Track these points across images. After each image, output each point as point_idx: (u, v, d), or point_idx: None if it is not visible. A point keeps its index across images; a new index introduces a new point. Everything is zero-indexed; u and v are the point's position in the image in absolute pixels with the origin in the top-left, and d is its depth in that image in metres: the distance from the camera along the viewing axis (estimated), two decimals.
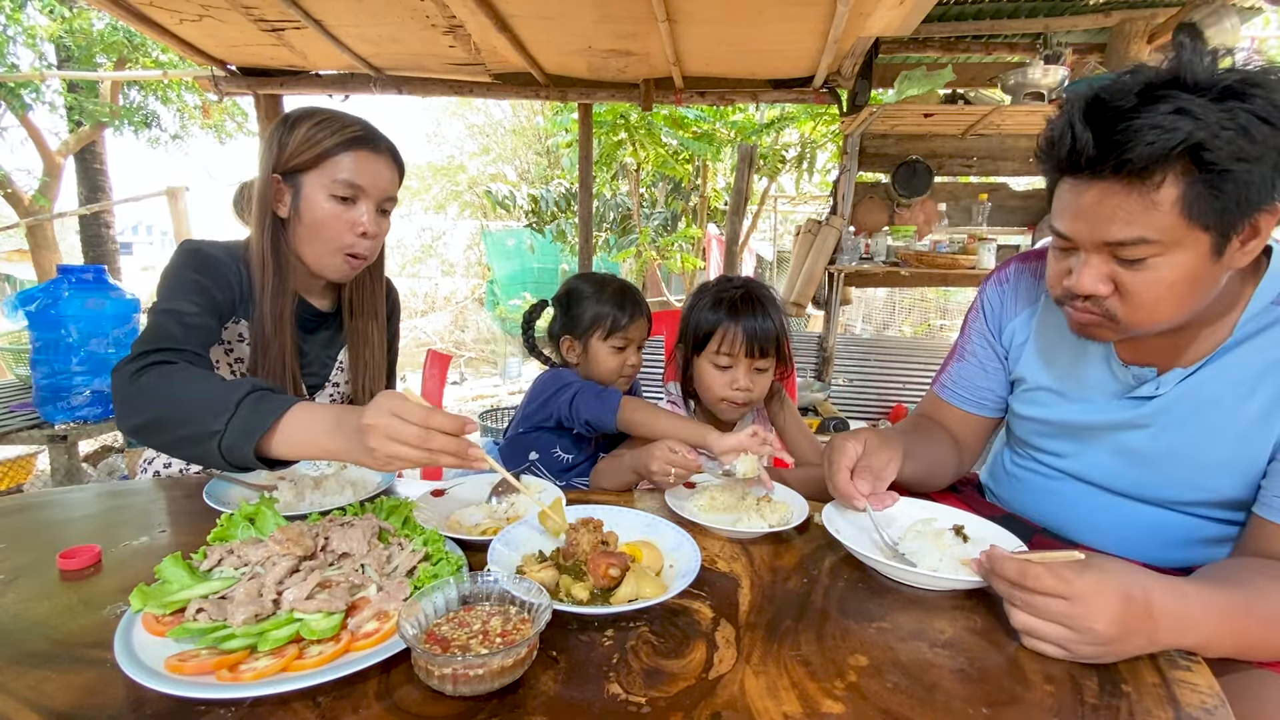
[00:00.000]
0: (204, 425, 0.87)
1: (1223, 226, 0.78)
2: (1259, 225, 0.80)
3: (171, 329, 1.05)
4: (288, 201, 1.23)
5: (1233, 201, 0.76)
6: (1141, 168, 0.77)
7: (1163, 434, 0.98)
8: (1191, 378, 0.95)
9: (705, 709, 0.61)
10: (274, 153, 1.22)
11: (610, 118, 6.14)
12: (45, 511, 1.05)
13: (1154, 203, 0.78)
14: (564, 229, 8.97)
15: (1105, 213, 0.82)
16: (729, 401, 1.39)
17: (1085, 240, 0.85)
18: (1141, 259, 0.82)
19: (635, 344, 1.54)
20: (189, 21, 3.02)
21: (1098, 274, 0.86)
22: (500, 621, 0.68)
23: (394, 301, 1.58)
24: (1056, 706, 0.63)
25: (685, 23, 2.81)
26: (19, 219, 7.30)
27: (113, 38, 7.01)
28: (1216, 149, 0.74)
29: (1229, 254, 0.81)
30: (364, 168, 1.22)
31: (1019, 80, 3.29)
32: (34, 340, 2.36)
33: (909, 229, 3.80)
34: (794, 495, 1.12)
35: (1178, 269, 0.81)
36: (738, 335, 1.34)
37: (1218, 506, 0.97)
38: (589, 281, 1.56)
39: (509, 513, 1.05)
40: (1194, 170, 0.76)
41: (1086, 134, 0.80)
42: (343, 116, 1.24)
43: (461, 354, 8.63)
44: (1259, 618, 0.74)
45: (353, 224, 1.23)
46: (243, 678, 0.62)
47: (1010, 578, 0.73)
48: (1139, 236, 0.80)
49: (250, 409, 0.87)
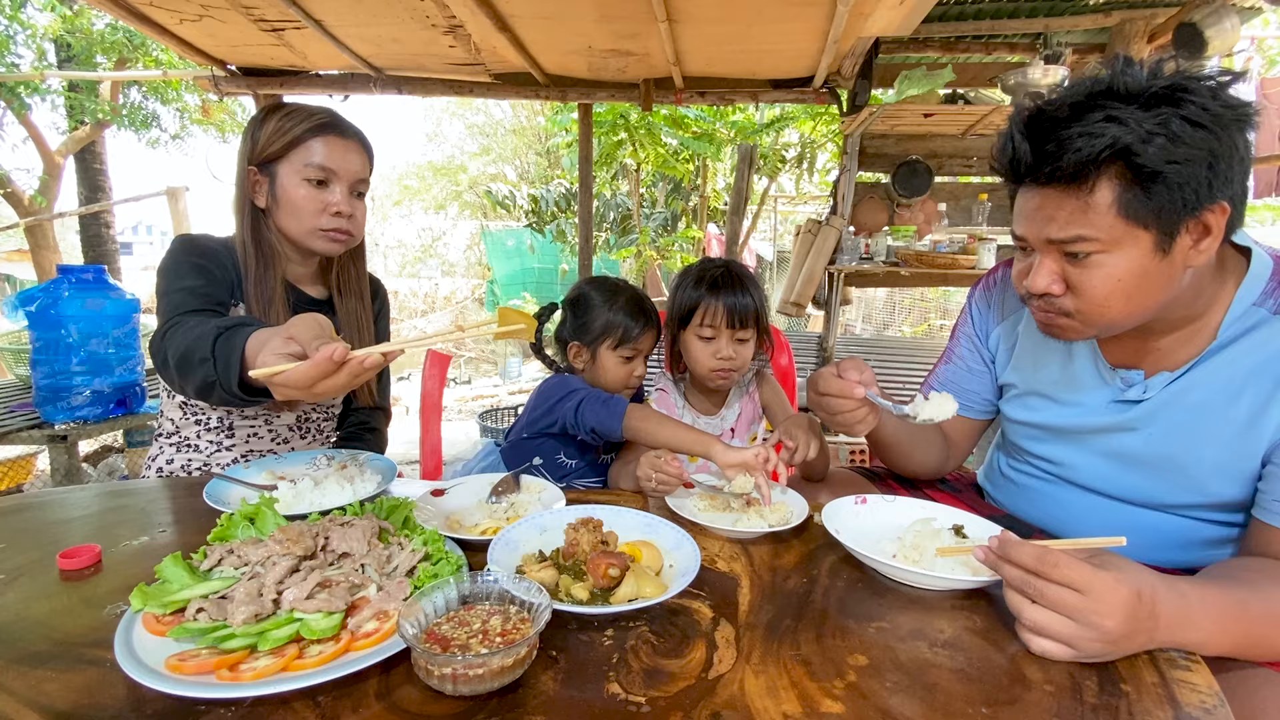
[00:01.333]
0: (207, 370, 0.97)
1: (1162, 225, 0.82)
2: (1208, 224, 0.82)
3: (184, 300, 1.16)
4: (265, 190, 1.30)
5: (1167, 202, 0.80)
6: (1073, 173, 0.82)
7: (1153, 437, 0.98)
8: (1178, 381, 0.95)
9: (705, 709, 0.61)
10: (248, 146, 1.29)
11: (610, 118, 6.14)
12: (45, 511, 1.05)
13: (1090, 204, 0.82)
14: (564, 229, 8.98)
15: (1048, 214, 0.87)
16: (716, 371, 1.48)
17: (1035, 240, 0.90)
18: (1087, 254, 0.85)
19: (644, 354, 1.54)
20: (189, 21, 3.02)
21: (1049, 272, 0.90)
22: (500, 621, 0.68)
23: (382, 300, 1.59)
24: (1056, 706, 0.63)
25: (685, 23, 2.81)
26: (19, 219, 7.30)
27: (113, 37, 7.01)
28: (1146, 153, 0.78)
29: (1179, 252, 0.84)
30: (333, 152, 1.29)
31: (1019, 80, 3.29)
32: (34, 340, 2.36)
33: (909, 229, 3.80)
34: (794, 495, 1.12)
35: (1121, 265, 0.85)
36: (719, 308, 1.44)
37: (1214, 509, 0.97)
38: (602, 289, 1.54)
39: (509, 513, 1.05)
40: (1127, 173, 0.80)
41: (1024, 145, 0.86)
42: (310, 107, 1.31)
43: (461, 354, 8.63)
44: (1256, 616, 0.74)
45: (326, 204, 1.29)
46: (243, 677, 0.62)
47: (1027, 564, 0.71)
48: (1079, 234, 0.84)
49: (223, 349, 0.96)
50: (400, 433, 5.23)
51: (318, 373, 0.81)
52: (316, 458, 1.21)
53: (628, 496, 1.18)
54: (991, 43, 3.73)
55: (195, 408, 1.35)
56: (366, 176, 1.36)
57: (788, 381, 2.06)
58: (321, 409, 1.49)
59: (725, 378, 1.50)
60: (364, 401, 1.49)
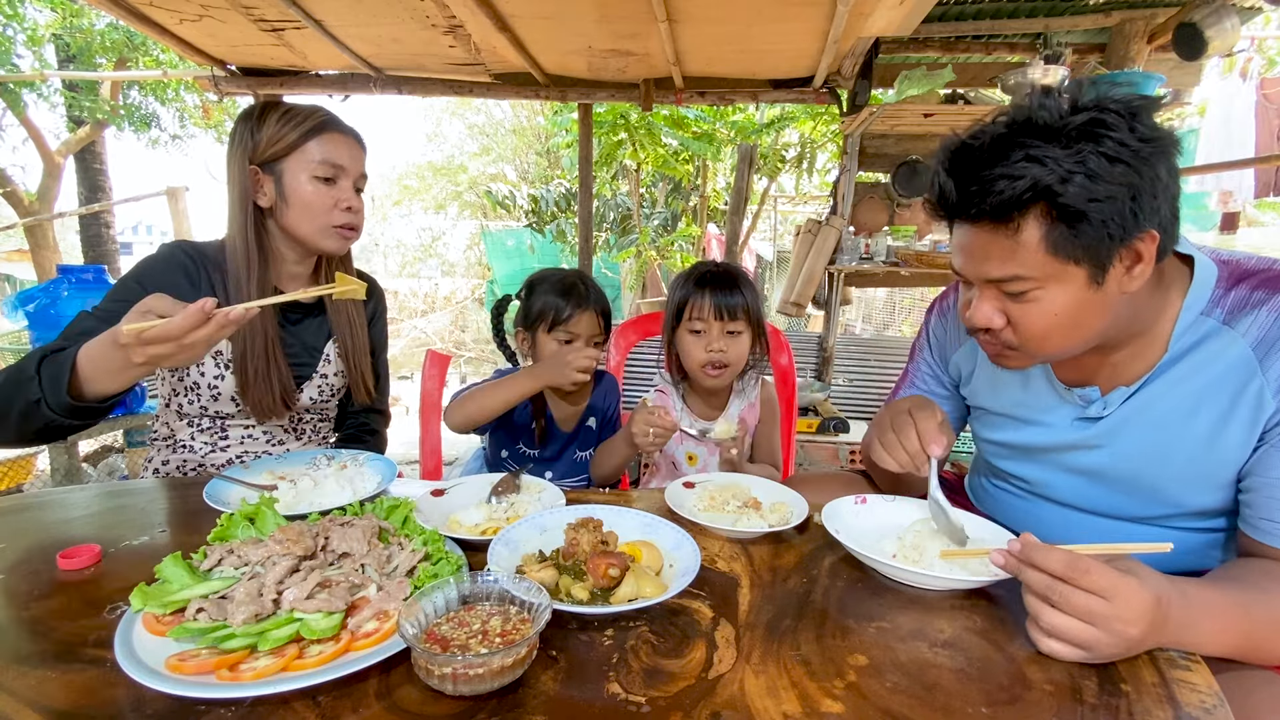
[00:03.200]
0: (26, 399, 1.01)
1: (1093, 259, 0.81)
2: (1139, 251, 0.82)
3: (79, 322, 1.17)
4: (270, 190, 1.28)
5: (1093, 239, 0.79)
6: (997, 214, 0.81)
7: (1116, 453, 0.98)
8: (1135, 396, 0.95)
9: (705, 708, 0.61)
10: (246, 146, 1.27)
11: (610, 118, 6.13)
12: (45, 511, 1.05)
13: (1019, 244, 0.82)
14: (564, 229, 8.97)
15: (981, 252, 0.86)
16: (708, 364, 1.50)
17: (973, 277, 0.91)
18: (1023, 292, 0.85)
19: (583, 338, 1.51)
20: (189, 21, 3.02)
21: (989, 308, 0.90)
22: (500, 621, 0.68)
23: (378, 300, 1.58)
24: (1056, 706, 0.63)
25: (685, 23, 2.81)
26: (19, 219, 7.30)
27: (113, 37, 7.00)
28: (1067, 192, 0.77)
29: (1113, 281, 0.83)
30: (340, 149, 1.30)
31: (1019, 80, 3.28)
32: (34, 340, 2.37)
33: (909, 229, 3.79)
34: (794, 495, 1.12)
35: (1059, 300, 0.85)
36: (706, 301, 1.49)
37: (1191, 517, 0.97)
38: (543, 273, 1.55)
39: (509, 513, 1.05)
40: (1051, 212, 0.80)
41: (950, 182, 0.85)
42: (305, 106, 1.31)
43: (461, 354, 8.63)
44: (1257, 619, 0.74)
45: (338, 200, 1.30)
46: (243, 677, 0.62)
47: (1056, 570, 0.69)
48: (1013, 274, 0.84)
49: (48, 372, 1.01)
50: (400, 433, 5.23)
51: (189, 323, 0.89)
52: (316, 458, 1.21)
53: (628, 496, 1.19)
54: (991, 43, 3.73)
55: (188, 411, 1.34)
56: (365, 174, 1.38)
57: (787, 382, 2.06)
58: (316, 410, 1.47)
59: (717, 373, 1.51)
60: (359, 399, 1.49)
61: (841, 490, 1.15)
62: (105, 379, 1.00)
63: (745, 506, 1.08)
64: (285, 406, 1.34)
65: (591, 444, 1.62)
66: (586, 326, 1.50)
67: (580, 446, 1.62)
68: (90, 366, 1.00)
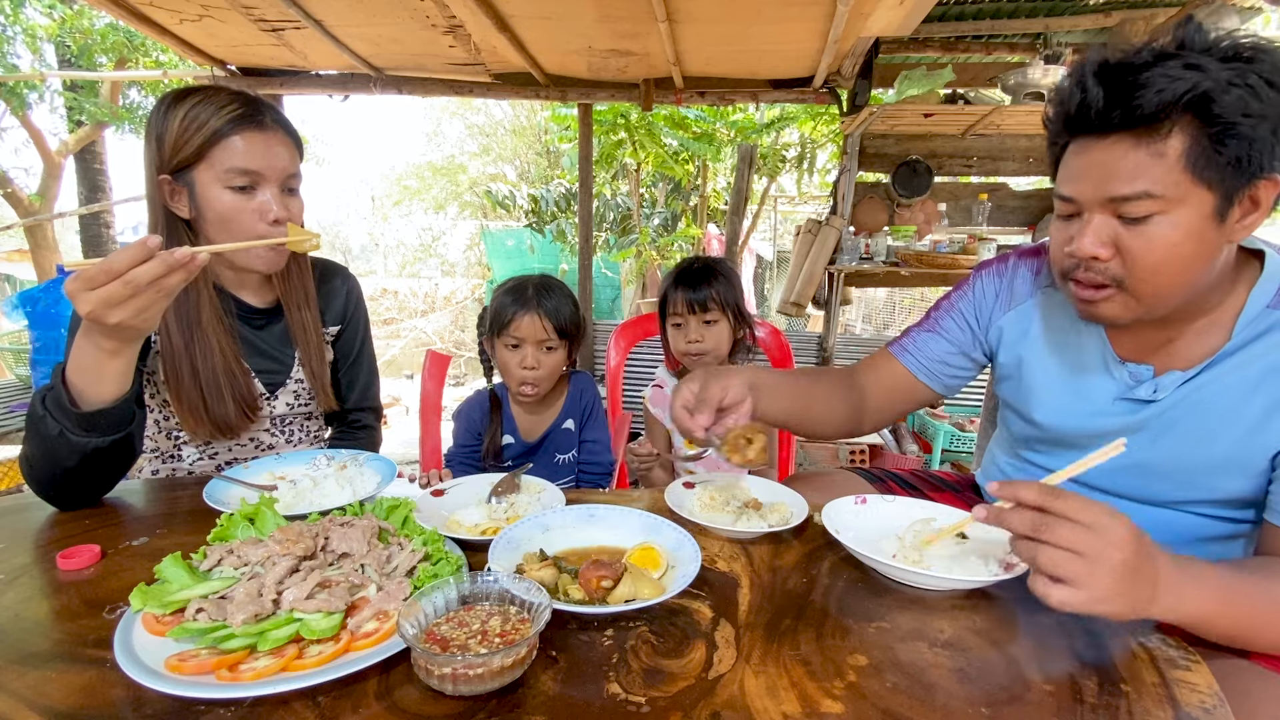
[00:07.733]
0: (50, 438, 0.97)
1: (1225, 186, 0.80)
2: (1259, 197, 0.82)
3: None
4: (185, 201, 1.14)
5: (1235, 158, 0.78)
6: (1150, 116, 0.79)
7: (1160, 438, 0.97)
8: (1190, 382, 0.94)
9: (705, 709, 0.61)
10: (155, 151, 1.12)
11: (610, 118, 6.13)
12: (45, 511, 1.05)
13: (1160, 154, 0.80)
14: (564, 229, 8.96)
15: (1110, 168, 0.83)
16: (687, 354, 1.63)
17: (1089, 199, 0.86)
18: (1145, 216, 0.82)
19: (529, 343, 1.44)
20: (189, 21, 3.02)
21: (1099, 235, 0.86)
22: (500, 621, 0.68)
23: (355, 296, 1.46)
24: (1056, 706, 0.63)
25: (685, 23, 2.81)
26: (19, 219, 7.30)
27: (113, 37, 7.00)
28: (1223, 101, 0.76)
29: (1231, 221, 0.82)
30: (254, 150, 1.12)
31: (1019, 80, 3.29)
32: (34, 340, 2.37)
33: (909, 229, 3.80)
34: (794, 495, 1.12)
35: (1179, 228, 0.82)
36: (679, 295, 1.61)
37: (1223, 505, 0.96)
38: (513, 278, 1.50)
39: (509, 513, 1.05)
40: (1200, 125, 0.78)
41: (1097, 89, 0.82)
42: (218, 95, 1.12)
43: (461, 354, 8.63)
44: (1259, 604, 0.74)
45: (260, 212, 1.14)
46: (243, 678, 0.62)
47: (1032, 499, 0.70)
48: (1143, 190, 0.81)
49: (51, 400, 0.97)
50: (400, 433, 5.23)
51: (129, 255, 0.82)
52: (316, 458, 1.21)
53: (628, 496, 1.18)
54: (991, 43, 3.74)
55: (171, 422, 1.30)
56: (297, 170, 1.20)
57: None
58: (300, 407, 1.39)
59: (697, 361, 1.62)
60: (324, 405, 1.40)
61: (841, 490, 1.15)
62: (92, 376, 0.96)
63: (745, 507, 1.08)
64: (248, 418, 1.26)
65: (572, 446, 1.61)
66: (530, 330, 1.43)
67: (560, 450, 1.60)
68: (76, 373, 0.96)
